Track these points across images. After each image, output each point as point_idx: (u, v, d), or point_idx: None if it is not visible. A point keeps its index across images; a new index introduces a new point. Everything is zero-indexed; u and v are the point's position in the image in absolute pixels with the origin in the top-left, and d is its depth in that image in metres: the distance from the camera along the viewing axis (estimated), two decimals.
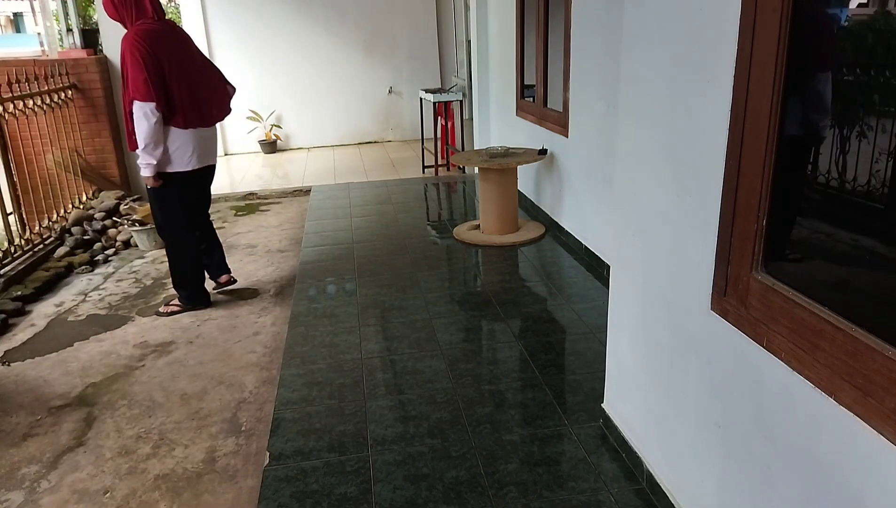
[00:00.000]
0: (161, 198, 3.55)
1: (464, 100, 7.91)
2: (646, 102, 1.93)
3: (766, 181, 1.38)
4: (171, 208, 3.59)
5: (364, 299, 3.71)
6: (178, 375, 3.07)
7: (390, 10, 9.61)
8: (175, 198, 3.56)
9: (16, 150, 4.85)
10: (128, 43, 3.26)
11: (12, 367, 3.23)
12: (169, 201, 3.57)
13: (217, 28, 9.22)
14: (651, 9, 1.85)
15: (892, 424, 1.09)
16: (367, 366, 2.95)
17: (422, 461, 2.27)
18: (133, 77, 3.24)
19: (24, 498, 2.28)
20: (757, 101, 1.38)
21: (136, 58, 3.23)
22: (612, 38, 3.53)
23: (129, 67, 3.25)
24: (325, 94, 9.74)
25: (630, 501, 2.04)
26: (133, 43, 3.25)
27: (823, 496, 1.28)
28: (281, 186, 7.14)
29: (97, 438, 2.61)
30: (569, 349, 3.06)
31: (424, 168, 7.45)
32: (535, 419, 2.48)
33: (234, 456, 2.45)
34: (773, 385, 1.40)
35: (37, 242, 4.67)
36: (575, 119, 4.27)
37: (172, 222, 3.64)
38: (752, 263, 1.45)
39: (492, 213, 4.68)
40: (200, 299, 3.83)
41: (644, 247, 2.01)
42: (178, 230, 3.66)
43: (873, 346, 1.12)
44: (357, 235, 4.97)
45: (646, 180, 1.96)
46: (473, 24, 6.83)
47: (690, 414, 1.80)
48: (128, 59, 3.25)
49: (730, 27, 1.45)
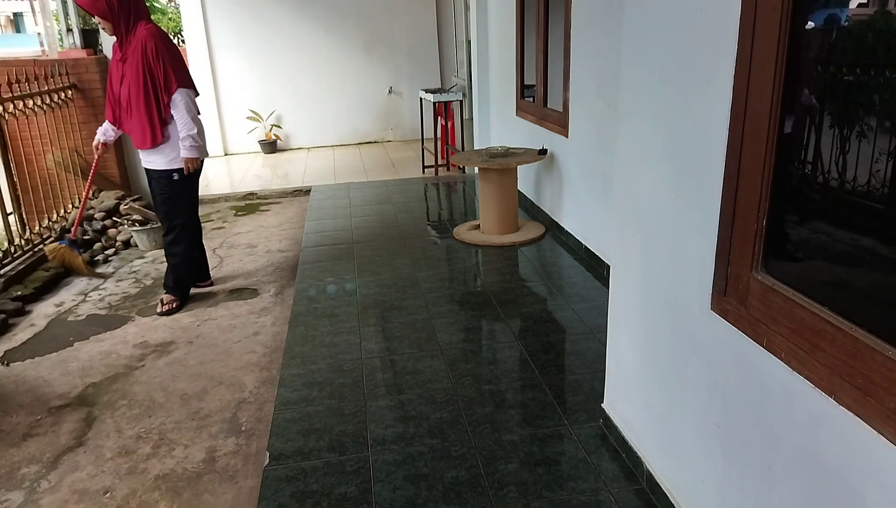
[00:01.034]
0: (184, 189, 3.68)
1: (464, 100, 7.91)
2: (646, 101, 1.93)
3: (766, 181, 1.38)
4: (192, 199, 3.78)
5: (364, 299, 3.71)
6: (178, 375, 3.07)
7: (390, 10, 9.61)
8: (196, 188, 3.78)
9: (16, 150, 4.85)
10: (158, 38, 3.44)
11: (12, 367, 3.23)
12: (191, 192, 3.74)
13: (217, 28, 9.22)
14: (651, 9, 1.85)
15: (892, 424, 1.09)
16: (367, 366, 2.95)
17: (422, 461, 2.27)
18: (175, 67, 3.45)
19: (24, 498, 2.28)
20: (757, 101, 1.38)
21: (174, 50, 3.47)
22: (612, 38, 3.53)
23: (167, 57, 3.42)
24: (325, 94, 9.74)
25: (630, 501, 2.04)
26: (164, 37, 3.48)
27: (823, 496, 1.28)
28: (281, 186, 7.14)
29: (97, 438, 2.61)
30: (569, 349, 3.06)
31: (424, 168, 7.45)
32: (535, 419, 2.48)
33: (234, 456, 2.45)
34: (773, 385, 1.40)
35: (37, 242, 4.67)
36: (575, 119, 4.27)
37: (190, 214, 3.78)
38: (752, 263, 1.45)
39: (492, 213, 4.68)
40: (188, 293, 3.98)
41: (644, 247, 2.01)
42: (195, 223, 3.87)
43: (873, 346, 1.12)
44: (357, 235, 4.97)
45: (646, 180, 1.96)
46: (473, 24, 6.83)
47: (690, 414, 1.80)
48: (162, 50, 3.41)
49: (730, 27, 1.45)
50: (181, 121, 3.50)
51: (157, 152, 3.57)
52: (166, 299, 3.83)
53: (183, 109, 3.48)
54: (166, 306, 3.79)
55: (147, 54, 3.39)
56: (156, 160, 3.60)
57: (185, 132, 3.51)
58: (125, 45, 3.45)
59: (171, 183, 3.64)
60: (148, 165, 3.66)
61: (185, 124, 3.50)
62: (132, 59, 3.41)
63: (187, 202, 3.74)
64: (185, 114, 3.49)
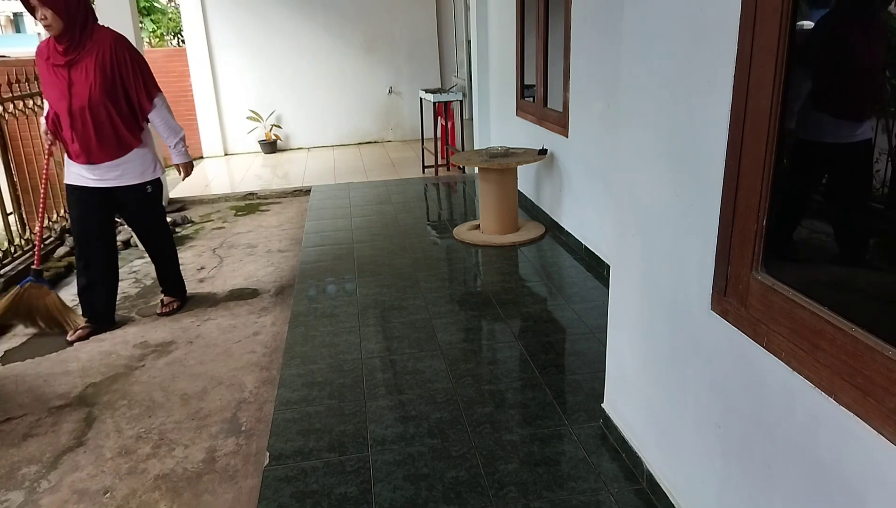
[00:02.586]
0: (158, 198, 3.58)
1: (464, 100, 7.92)
2: (646, 101, 1.93)
3: (766, 181, 1.38)
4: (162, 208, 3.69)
5: (364, 299, 3.71)
6: (178, 375, 3.07)
7: (390, 10, 9.61)
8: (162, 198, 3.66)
9: (16, 150, 4.84)
10: (127, 42, 3.25)
11: (12, 367, 3.23)
12: (161, 200, 3.63)
13: (217, 28, 9.23)
14: (651, 9, 1.85)
15: (892, 424, 1.09)
16: (367, 366, 2.95)
17: (422, 461, 2.27)
18: (149, 74, 3.29)
19: (24, 498, 2.28)
20: (757, 101, 1.38)
21: (142, 56, 3.30)
22: (612, 38, 3.53)
23: (142, 61, 3.28)
24: (325, 94, 9.75)
25: (630, 501, 2.04)
26: (129, 42, 3.27)
27: (823, 496, 1.28)
28: (281, 186, 7.14)
29: (97, 438, 2.61)
30: (569, 349, 3.06)
31: (424, 168, 7.45)
32: (535, 419, 2.48)
33: (234, 456, 2.45)
34: (773, 385, 1.40)
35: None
36: (575, 119, 4.27)
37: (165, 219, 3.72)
38: (752, 263, 1.45)
39: (492, 213, 4.68)
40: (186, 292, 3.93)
41: (644, 247, 2.01)
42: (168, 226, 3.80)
43: (873, 346, 1.12)
44: (357, 235, 4.97)
45: (646, 180, 1.96)
46: (473, 24, 6.83)
47: (690, 414, 1.80)
48: (136, 54, 3.25)
49: (730, 27, 1.45)
50: (167, 126, 3.35)
51: (127, 164, 3.30)
52: (166, 299, 3.79)
53: (167, 114, 3.35)
54: (167, 306, 3.77)
55: (119, 58, 3.16)
56: (126, 174, 3.30)
57: (175, 137, 3.39)
58: (76, 48, 3.10)
59: (146, 197, 3.43)
60: (108, 182, 3.29)
61: (173, 129, 3.37)
62: (92, 62, 3.11)
63: (162, 211, 3.66)
64: (170, 118, 3.35)
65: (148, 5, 12.15)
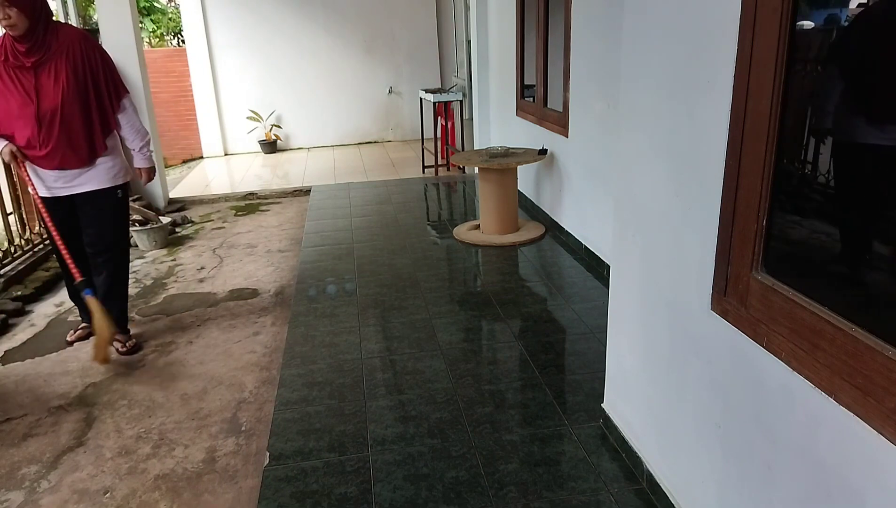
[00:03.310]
0: (125, 204, 3.31)
1: (464, 100, 7.92)
2: (646, 101, 1.93)
3: (766, 181, 1.38)
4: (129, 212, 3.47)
5: (364, 299, 3.71)
6: (178, 375, 3.07)
7: (390, 10, 9.62)
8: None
9: None
10: (94, 42, 3.06)
11: (12, 367, 3.23)
12: (128, 209, 3.39)
13: (217, 28, 9.23)
14: (651, 9, 1.85)
15: (892, 424, 1.09)
16: (367, 366, 2.95)
17: (422, 461, 2.27)
18: (117, 74, 3.11)
19: (24, 498, 2.28)
20: (757, 101, 1.38)
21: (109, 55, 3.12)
22: (612, 38, 3.53)
23: (111, 64, 3.08)
24: (325, 94, 9.75)
25: (630, 501, 2.04)
26: (96, 41, 3.09)
27: (823, 496, 1.28)
28: (281, 186, 7.14)
29: (97, 438, 2.61)
30: (569, 349, 3.06)
31: (424, 168, 7.45)
32: (535, 419, 2.48)
33: (234, 456, 2.45)
34: (773, 385, 1.40)
35: (37, 242, 4.67)
36: (575, 119, 4.27)
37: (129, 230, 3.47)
38: (752, 263, 1.45)
39: (492, 213, 4.68)
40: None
41: (644, 247, 2.01)
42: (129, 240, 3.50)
43: (873, 346, 1.12)
44: (357, 235, 4.97)
45: (646, 180, 1.96)
46: (473, 24, 6.83)
47: (690, 414, 1.80)
48: (105, 57, 3.06)
49: (730, 28, 1.45)
50: (133, 129, 3.15)
51: (96, 169, 3.07)
52: (122, 338, 3.30)
53: (134, 116, 3.15)
54: (126, 346, 3.30)
55: (90, 59, 2.97)
56: (95, 179, 3.08)
57: (141, 140, 3.18)
58: (40, 48, 2.86)
59: (116, 202, 3.18)
60: (74, 188, 3.06)
61: (139, 131, 3.17)
62: (63, 63, 2.90)
63: (128, 221, 3.38)
64: (137, 121, 3.16)
65: (148, 5, 12.16)
